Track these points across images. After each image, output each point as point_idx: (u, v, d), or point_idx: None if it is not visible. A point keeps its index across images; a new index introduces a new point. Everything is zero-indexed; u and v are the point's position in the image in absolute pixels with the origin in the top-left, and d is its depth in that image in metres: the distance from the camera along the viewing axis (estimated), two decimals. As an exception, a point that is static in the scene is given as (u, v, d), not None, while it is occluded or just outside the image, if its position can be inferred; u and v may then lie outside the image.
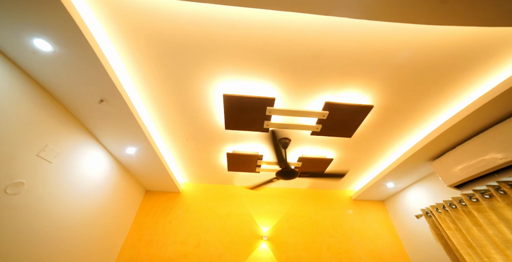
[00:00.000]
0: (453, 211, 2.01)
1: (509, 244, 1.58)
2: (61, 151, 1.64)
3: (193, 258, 2.52)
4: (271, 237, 2.75)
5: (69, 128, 1.70)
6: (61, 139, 1.63)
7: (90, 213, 1.99)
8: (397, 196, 2.98)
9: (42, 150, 1.48)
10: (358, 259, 2.67)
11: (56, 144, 1.58)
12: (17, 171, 1.35)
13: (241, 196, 3.11)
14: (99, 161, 2.07)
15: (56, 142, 1.58)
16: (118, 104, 1.59)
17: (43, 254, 1.55)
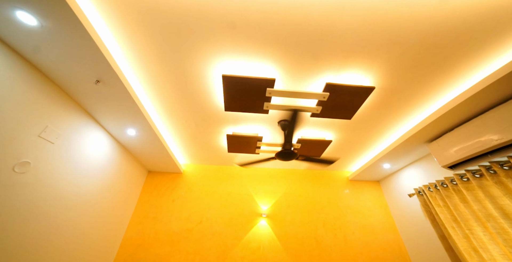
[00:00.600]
0: (444, 190, 2.09)
1: (490, 218, 1.70)
2: (62, 133, 1.65)
3: (196, 233, 2.67)
4: (270, 215, 2.90)
5: (68, 109, 1.69)
6: (61, 121, 1.63)
7: (97, 191, 2.06)
8: (392, 177, 3.08)
9: (43, 131, 1.49)
10: (351, 234, 2.84)
11: (56, 125, 1.58)
12: (21, 151, 1.37)
13: (241, 176, 3.20)
14: (101, 142, 2.09)
15: (56, 123, 1.59)
16: (115, 85, 1.56)
17: (54, 229, 1.64)
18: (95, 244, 2.08)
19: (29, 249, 1.46)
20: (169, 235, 2.63)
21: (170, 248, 2.54)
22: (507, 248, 1.58)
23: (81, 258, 1.92)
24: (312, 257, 2.63)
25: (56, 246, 1.66)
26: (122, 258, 2.44)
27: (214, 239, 2.64)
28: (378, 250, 2.74)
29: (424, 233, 2.50)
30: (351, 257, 2.67)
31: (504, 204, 1.62)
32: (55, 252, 1.66)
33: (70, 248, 1.79)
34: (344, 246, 2.74)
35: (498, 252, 1.67)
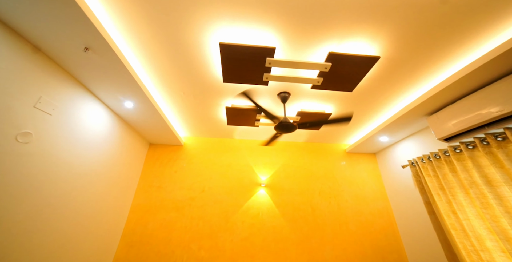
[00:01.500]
0: (436, 161, 2.17)
1: (473, 185, 1.83)
2: (59, 104, 1.63)
3: (199, 201, 2.85)
4: (268, 184, 3.05)
5: (61, 80, 1.64)
6: (55, 91, 1.59)
7: (101, 162, 2.13)
8: (388, 149, 3.15)
9: (38, 102, 1.47)
10: (344, 201, 3.03)
11: (50, 96, 1.56)
12: (19, 121, 1.37)
13: (241, 148, 3.28)
14: (99, 115, 2.09)
15: (50, 94, 1.56)
16: (105, 53, 1.49)
17: (65, 197, 1.75)
18: (106, 210, 2.24)
19: (41, 217, 1.56)
20: (173, 203, 2.80)
21: (176, 213, 2.74)
22: (481, 209, 1.76)
23: (94, 223, 2.08)
24: (307, 222, 2.85)
25: (68, 213, 1.78)
26: (132, 222, 2.64)
27: (216, 206, 2.83)
28: (368, 215, 2.96)
29: (411, 200, 2.68)
30: (342, 221, 2.89)
31: (489, 172, 1.72)
32: (67, 219, 1.79)
33: (81, 215, 1.92)
34: (337, 212, 2.95)
35: (473, 214, 1.86)
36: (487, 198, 1.74)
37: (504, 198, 1.61)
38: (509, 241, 1.59)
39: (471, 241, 1.85)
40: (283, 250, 2.66)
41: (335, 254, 2.69)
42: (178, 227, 2.66)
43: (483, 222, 1.78)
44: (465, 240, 1.90)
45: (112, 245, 2.42)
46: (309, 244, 2.72)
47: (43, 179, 1.55)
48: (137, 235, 2.58)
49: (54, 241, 1.65)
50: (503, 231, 1.62)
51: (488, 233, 1.74)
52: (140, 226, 2.63)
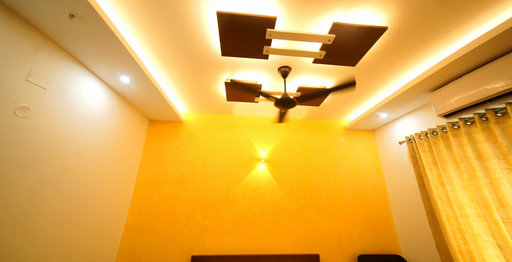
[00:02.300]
0: (433, 137, 2.21)
1: (464, 159, 1.91)
2: (52, 78, 1.58)
3: (201, 175, 2.96)
4: (268, 160, 3.14)
5: (49, 52, 1.56)
6: (45, 64, 1.53)
7: (103, 137, 2.16)
8: (387, 126, 3.18)
9: (29, 75, 1.42)
10: (341, 176, 3.16)
11: (41, 69, 1.50)
12: (14, 95, 1.35)
13: (241, 125, 3.30)
14: (96, 90, 2.05)
15: (41, 67, 1.49)
16: (93, 22, 1.39)
17: (70, 171, 1.81)
18: (112, 183, 2.34)
19: (46, 192, 1.63)
20: (176, 177, 2.92)
21: (179, 186, 2.88)
22: (468, 181, 1.88)
23: (102, 195, 2.19)
24: (304, 195, 3.01)
25: (75, 187, 1.87)
26: (138, 194, 2.79)
27: (217, 180, 2.96)
28: (363, 189, 3.12)
29: (404, 174, 2.80)
30: (338, 194, 3.05)
31: (482, 147, 1.78)
32: (75, 192, 1.88)
33: (89, 187, 2.02)
34: (333, 185, 3.10)
35: (459, 185, 2.00)
36: (475, 171, 1.84)
37: (490, 170, 1.71)
38: (486, 207, 1.76)
39: (453, 209, 2.02)
40: (281, 219, 2.86)
41: (329, 222, 2.90)
42: (182, 199, 2.82)
43: (467, 193, 1.93)
44: (448, 208, 2.06)
45: (122, 214, 2.60)
46: (305, 214, 2.91)
47: (47, 153, 1.59)
48: (144, 205, 2.75)
49: (64, 214, 1.77)
50: (483, 199, 1.77)
51: (470, 202, 1.91)
52: (147, 198, 2.78)
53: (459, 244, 1.96)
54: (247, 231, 2.76)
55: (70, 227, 1.82)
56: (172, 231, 2.67)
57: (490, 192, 1.68)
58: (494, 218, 1.70)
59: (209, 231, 2.71)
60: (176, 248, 2.60)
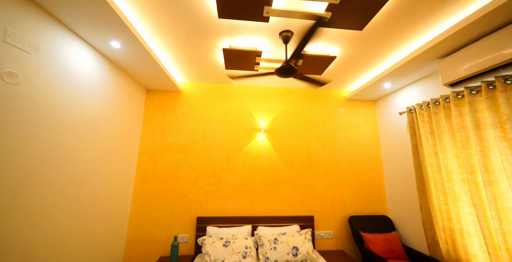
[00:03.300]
0: (434, 107, 2.20)
1: (462, 129, 1.94)
2: (34, 41, 1.45)
3: (202, 144, 3.03)
4: (268, 130, 3.17)
5: (26, 11, 1.41)
6: (23, 25, 1.38)
7: (101, 108, 2.14)
8: (388, 96, 3.12)
9: (6, 36, 1.29)
10: (339, 145, 3.24)
11: (18, 28, 1.36)
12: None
13: (241, 94, 3.24)
14: (87, 57, 1.95)
15: (17, 27, 1.36)
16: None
17: (71, 140, 1.84)
18: (116, 152, 2.41)
19: (50, 160, 1.67)
20: (178, 146, 3.00)
21: (181, 155, 2.97)
22: (460, 150, 1.95)
23: (108, 164, 2.27)
24: (302, 163, 3.13)
25: (79, 155, 1.92)
26: (143, 162, 2.90)
27: (218, 149, 3.04)
28: (359, 158, 3.23)
29: (400, 144, 2.87)
30: (335, 162, 3.18)
31: (481, 116, 1.79)
32: (79, 160, 1.94)
33: (96, 154, 2.08)
34: (331, 155, 3.20)
35: (452, 154, 2.08)
36: (469, 140, 1.90)
37: (484, 139, 1.77)
38: (472, 173, 1.88)
39: (441, 175, 2.15)
40: (279, 185, 3.03)
41: (324, 188, 3.08)
42: (185, 167, 2.94)
43: (457, 160, 2.02)
44: (437, 174, 2.20)
45: (130, 180, 2.74)
46: (302, 181, 3.08)
47: (45, 122, 1.57)
48: (149, 173, 2.88)
49: (73, 180, 1.86)
50: (471, 166, 1.88)
51: (458, 168, 2.02)
52: (151, 166, 2.90)
53: (440, 204, 2.16)
54: (247, 196, 2.96)
55: (84, 191, 1.94)
56: (177, 195, 2.86)
57: (479, 159, 1.77)
58: (477, 182, 1.84)
59: (211, 196, 2.91)
60: (182, 210, 2.83)
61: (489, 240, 1.73)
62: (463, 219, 1.98)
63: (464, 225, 1.97)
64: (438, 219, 2.18)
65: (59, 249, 1.71)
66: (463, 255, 1.95)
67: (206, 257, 2.22)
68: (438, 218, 2.19)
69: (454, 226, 2.03)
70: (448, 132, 2.06)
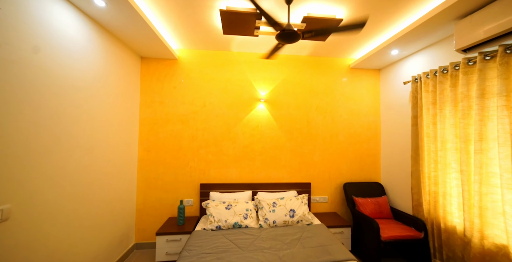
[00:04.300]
0: (441, 76, 2.13)
1: (465, 98, 1.91)
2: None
3: (202, 115, 3.03)
4: (268, 100, 3.13)
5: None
6: None
7: (95, 76, 2.06)
8: (394, 65, 2.99)
9: None
10: (339, 116, 3.24)
11: None
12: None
13: (240, 62, 3.10)
14: (72, 19, 1.78)
15: None
16: None
17: (71, 107, 1.82)
18: (116, 122, 2.41)
19: (49, 127, 1.67)
20: (178, 116, 2.99)
21: (182, 125, 2.99)
22: (459, 119, 1.96)
23: (110, 133, 2.30)
24: (301, 133, 3.17)
25: (80, 123, 1.92)
26: (144, 132, 2.94)
27: (218, 119, 3.05)
28: (358, 128, 3.26)
29: (400, 115, 2.88)
30: (334, 132, 3.22)
31: (489, 85, 1.75)
32: (80, 129, 1.95)
33: (94, 125, 2.09)
34: (330, 125, 3.22)
35: (450, 124, 2.10)
36: (471, 109, 1.89)
37: (486, 108, 1.77)
38: (466, 142, 1.93)
39: (436, 145, 2.21)
40: (279, 155, 3.13)
41: (322, 157, 3.19)
42: (186, 137, 2.99)
43: (454, 130, 2.05)
44: (432, 144, 2.26)
45: (133, 150, 2.82)
46: (301, 151, 3.17)
47: (38, 90, 1.53)
48: (152, 142, 2.94)
49: (79, 146, 1.90)
50: (467, 135, 1.92)
51: (453, 138, 2.07)
52: (152, 136, 2.95)
53: (430, 171, 2.29)
54: (247, 164, 3.08)
55: (91, 159, 2.01)
56: (180, 164, 2.98)
57: (476, 129, 1.81)
58: (468, 150, 1.92)
59: (213, 164, 3.03)
60: (186, 178, 2.98)
61: (467, 200, 1.91)
62: (448, 183, 2.12)
63: (448, 189, 2.12)
64: (426, 184, 2.33)
65: (76, 212, 1.86)
66: (441, 213, 2.16)
67: (210, 218, 2.43)
68: (426, 183, 2.33)
69: (439, 190, 2.19)
70: (451, 101, 2.04)
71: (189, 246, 2.01)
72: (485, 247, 1.76)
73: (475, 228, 1.82)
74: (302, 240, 2.13)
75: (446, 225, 2.12)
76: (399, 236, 2.29)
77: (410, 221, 2.52)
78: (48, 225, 1.61)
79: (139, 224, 2.90)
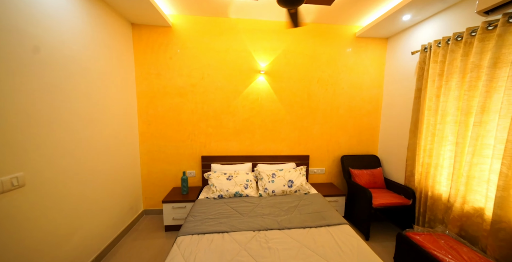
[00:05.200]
0: (454, 44, 2.00)
1: (475, 68, 1.83)
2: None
3: (200, 87, 2.95)
4: (268, 71, 3.01)
5: None
6: None
7: (84, 44, 1.93)
8: (404, 33, 2.80)
9: None
10: (340, 89, 3.16)
11: None
12: None
13: (239, 31, 2.90)
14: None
15: None
16: None
17: (63, 81, 1.76)
18: (112, 95, 2.36)
19: (47, 99, 1.64)
20: (176, 89, 2.92)
21: (180, 98, 2.94)
22: (465, 92, 1.91)
23: (109, 104, 2.27)
24: (302, 106, 3.14)
25: (77, 95, 1.88)
26: (143, 106, 2.90)
27: (217, 92, 2.98)
28: (359, 101, 3.21)
29: (403, 88, 2.81)
30: (334, 106, 3.18)
31: (505, 52, 1.65)
32: (78, 100, 1.91)
33: (92, 96, 2.05)
34: (332, 98, 3.16)
35: (454, 96, 2.06)
36: (479, 80, 1.83)
37: (495, 78, 1.70)
38: (467, 114, 1.92)
39: (436, 118, 2.21)
40: (278, 128, 3.15)
41: (321, 131, 3.22)
42: (185, 110, 2.97)
43: (457, 103, 2.02)
44: (432, 117, 2.26)
45: (133, 123, 2.82)
46: (301, 124, 3.17)
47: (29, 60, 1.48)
48: (151, 116, 2.93)
49: (81, 119, 1.89)
50: (469, 107, 1.89)
51: (455, 111, 2.05)
52: (152, 109, 2.92)
53: (427, 144, 2.33)
54: (247, 137, 3.12)
55: (92, 131, 2.03)
56: (181, 137, 3.01)
57: (479, 101, 1.78)
58: (467, 123, 1.92)
59: (213, 137, 3.06)
60: (187, 150, 3.05)
61: (457, 170, 2.01)
62: (442, 155, 2.18)
63: (441, 160, 2.20)
64: (420, 156, 2.40)
65: (86, 181, 1.95)
66: (431, 183, 2.29)
67: (213, 187, 2.56)
68: (420, 155, 2.40)
69: (432, 161, 2.27)
70: (459, 73, 1.96)
71: (194, 212, 2.16)
72: (464, 210, 1.93)
73: (459, 194, 1.96)
74: (299, 207, 2.28)
75: (433, 193, 2.26)
76: (389, 203, 2.45)
77: (401, 190, 2.67)
78: (62, 192, 1.71)
79: (146, 193, 3.07)
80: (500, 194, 1.62)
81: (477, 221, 1.87)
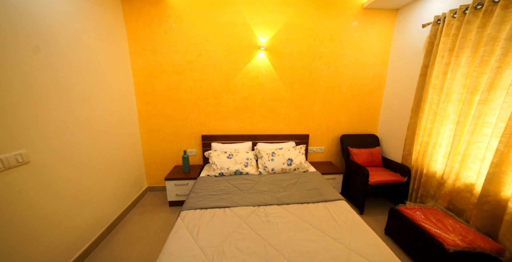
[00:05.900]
0: (472, 13, 1.85)
1: (491, 41, 1.71)
2: None
3: (198, 64, 2.84)
4: (268, 47, 2.87)
5: None
6: None
7: (70, 17, 1.83)
8: (416, 3, 2.60)
9: None
10: (343, 66, 3.05)
11: None
12: None
13: (237, 2, 2.69)
14: None
15: None
16: None
17: (53, 58, 1.69)
18: (107, 72, 2.28)
19: (40, 77, 1.59)
20: (173, 67, 2.82)
21: (178, 76, 2.85)
22: (474, 68, 1.83)
23: (105, 82, 2.20)
24: (303, 85, 3.06)
25: (70, 71, 1.82)
26: (140, 84, 2.83)
27: (216, 70, 2.88)
28: (362, 80, 3.12)
29: (409, 64, 2.71)
30: (336, 84, 3.10)
31: None
32: (71, 77, 1.85)
33: (86, 73, 1.98)
34: (333, 76, 3.07)
35: (462, 73, 1.98)
36: (492, 55, 1.73)
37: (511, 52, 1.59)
38: (473, 92, 1.86)
39: (440, 96, 2.16)
40: (279, 107, 3.11)
41: (322, 110, 3.18)
42: (183, 89, 2.90)
43: (465, 80, 1.96)
44: (436, 96, 2.21)
45: (131, 102, 2.78)
46: (301, 103, 3.13)
47: (15, 33, 1.40)
48: (149, 95, 2.88)
49: (79, 98, 1.86)
50: (476, 85, 1.83)
51: (461, 89, 1.99)
52: (149, 88, 2.85)
53: (427, 123, 2.33)
54: (247, 116, 3.10)
55: (89, 110, 2.00)
56: (180, 116, 2.99)
57: (489, 77, 1.72)
58: (472, 101, 1.88)
59: (213, 116, 3.04)
60: (187, 129, 3.05)
61: (454, 149, 2.03)
62: (441, 134, 2.19)
63: (440, 139, 2.21)
64: (420, 136, 2.41)
65: (89, 158, 1.99)
66: (427, 161, 2.34)
67: (213, 166, 2.61)
68: (420, 135, 2.41)
69: (431, 140, 2.28)
70: (472, 47, 1.85)
71: (196, 188, 2.24)
72: (455, 186, 2.02)
73: (453, 171, 2.02)
74: (298, 184, 2.36)
75: (428, 170, 2.32)
76: (385, 180, 2.52)
77: (397, 168, 2.73)
78: (66, 170, 1.75)
79: (149, 170, 3.15)
80: (493, 170, 1.66)
81: (466, 195, 1.96)
